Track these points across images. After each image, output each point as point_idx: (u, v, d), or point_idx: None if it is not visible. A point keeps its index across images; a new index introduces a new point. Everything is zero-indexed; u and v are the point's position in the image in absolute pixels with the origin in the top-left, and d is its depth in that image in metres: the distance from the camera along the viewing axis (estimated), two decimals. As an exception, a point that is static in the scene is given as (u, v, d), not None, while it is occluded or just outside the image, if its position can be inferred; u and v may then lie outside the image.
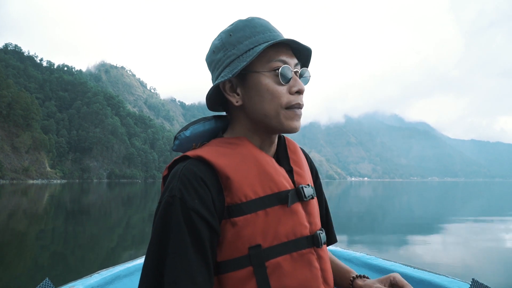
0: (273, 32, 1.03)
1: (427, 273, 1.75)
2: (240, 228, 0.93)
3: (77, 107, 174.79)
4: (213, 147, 1.02)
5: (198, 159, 0.97)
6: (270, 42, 0.97)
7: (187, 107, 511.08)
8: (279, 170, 1.03)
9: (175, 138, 1.10)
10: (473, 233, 11.97)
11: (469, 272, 6.90)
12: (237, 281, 0.92)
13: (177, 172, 0.94)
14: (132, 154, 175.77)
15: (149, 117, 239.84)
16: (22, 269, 6.93)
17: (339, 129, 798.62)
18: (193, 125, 1.10)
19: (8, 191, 43.52)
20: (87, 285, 1.68)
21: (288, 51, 1.02)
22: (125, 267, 2.01)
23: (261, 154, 1.03)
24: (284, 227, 0.97)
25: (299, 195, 1.02)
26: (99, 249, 8.82)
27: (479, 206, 24.36)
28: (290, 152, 1.14)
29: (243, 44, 1.01)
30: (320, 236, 1.03)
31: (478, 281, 1.39)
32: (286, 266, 0.95)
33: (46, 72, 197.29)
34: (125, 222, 14.32)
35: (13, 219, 14.39)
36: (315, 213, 1.08)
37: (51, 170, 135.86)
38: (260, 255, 0.93)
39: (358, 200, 30.68)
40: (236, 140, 1.04)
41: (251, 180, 0.97)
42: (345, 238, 10.32)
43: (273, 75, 0.99)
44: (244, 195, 0.94)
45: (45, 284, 1.44)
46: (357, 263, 2.12)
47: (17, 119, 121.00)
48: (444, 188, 70.18)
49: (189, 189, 0.90)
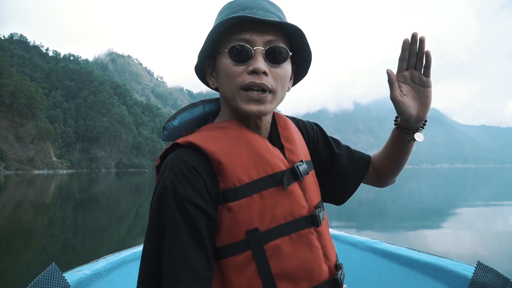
0: (249, 10, 0.96)
1: (432, 256, 1.74)
2: (236, 212, 0.92)
3: (84, 97, 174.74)
4: (203, 133, 1.00)
5: (189, 145, 0.95)
6: (219, 21, 0.94)
7: (195, 95, 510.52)
8: (273, 151, 1.01)
9: (163, 128, 1.08)
10: (483, 218, 11.91)
11: (479, 257, 6.74)
12: (236, 265, 0.92)
13: (168, 162, 0.93)
14: (140, 143, 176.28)
15: (156, 105, 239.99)
16: (31, 257, 6.88)
17: (347, 116, 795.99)
18: (180, 114, 1.08)
19: (13, 181, 43.06)
20: (94, 270, 1.70)
21: (257, 28, 0.95)
22: (131, 252, 2.02)
23: (253, 136, 1.01)
24: (281, 209, 0.95)
25: (294, 174, 1.00)
26: (108, 238, 8.78)
27: (490, 192, 24.08)
28: (280, 128, 1.11)
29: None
30: (319, 215, 1.02)
31: (483, 263, 1.37)
32: (286, 248, 0.94)
33: (52, 62, 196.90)
34: (134, 211, 14.27)
35: (20, 210, 14.40)
36: (312, 188, 1.06)
37: (57, 160, 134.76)
38: (258, 239, 0.92)
39: (367, 187, 30.43)
40: (227, 124, 1.02)
41: (244, 164, 0.95)
42: (354, 224, 10.28)
43: (228, 55, 0.96)
44: (238, 179, 0.93)
45: (52, 268, 1.45)
46: (361, 247, 2.13)
47: (21, 108, 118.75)
48: (454, 175, 69.71)
49: (181, 178, 0.89)
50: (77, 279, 1.58)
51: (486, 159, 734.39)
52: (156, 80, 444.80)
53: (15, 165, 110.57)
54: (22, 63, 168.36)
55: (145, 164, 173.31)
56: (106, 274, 1.76)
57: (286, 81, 1.00)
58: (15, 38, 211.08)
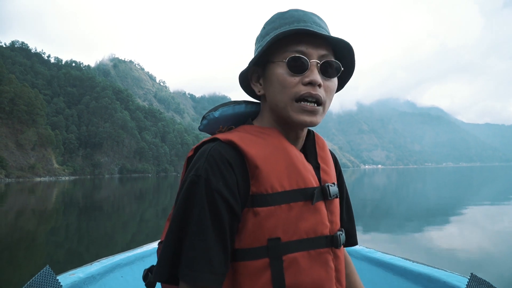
0: (304, 23, 0.99)
1: (426, 267, 1.75)
2: (262, 218, 0.93)
3: (86, 103, 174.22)
4: (244, 134, 1.01)
5: (228, 143, 0.96)
6: (278, 31, 0.97)
7: (197, 99, 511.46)
8: (307, 166, 1.03)
9: (203, 118, 1.10)
10: (489, 217, 11.82)
11: (485, 257, 6.82)
12: (252, 270, 0.92)
13: (205, 152, 0.94)
14: (143, 148, 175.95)
15: (159, 110, 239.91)
16: (34, 265, 6.74)
17: (351, 117, 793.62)
18: (222, 107, 1.10)
19: (14, 189, 42.19)
20: (87, 273, 1.70)
21: (313, 41, 0.98)
22: (125, 256, 2.04)
23: (292, 148, 1.02)
24: (305, 223, 0.96)
25: (324, 193, 1.02)
26: (113, 245, 8.64)
27: (496, 191, 23.88)
28: (318, 148, 1.13)
29: (268, 36, 1.00)
30: (340, 237, 1.02)
31: (476, 275, 1.38)
32: (303, 263, 0.95)
33: (53, 69, 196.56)
34: (139, 217, 14.14)
35: (22, 218, 14.25)
36: (337, 212, 1.07)
37: (59, 167, 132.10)
38: (279, 248, 0.93)
39: (372, 188, 30.25)
40: (267, 130, 1.03)
41: (280, 173, 0.96)
42: (360, 227, 10.11)
43: (287, 66, 0.97)
44: (271, 187, 0.94)
45: (46, 271, 1.44)
46: (356, 256, 2.13)
47: (21, 115, 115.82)
48: (459, 174, 69.39)
49: (215, 170, 0.90)
50: (71, 282, 1.58)
51: (491, 158, 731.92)
52: (158, 85, 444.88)
53: (15, 173, 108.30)
54: (23, 70, 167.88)
55: (148, 169, 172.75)
56: (100, 277, 1.77)
57: (333, 94, 1.03)
58: (16, 46, 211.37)
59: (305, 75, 0.97)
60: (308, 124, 0.98)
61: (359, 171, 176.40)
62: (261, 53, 1.00)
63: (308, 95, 0.96)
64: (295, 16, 1.00)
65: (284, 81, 0.97)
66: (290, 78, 0.97)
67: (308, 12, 1.03)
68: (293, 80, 0.97)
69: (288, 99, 0.97)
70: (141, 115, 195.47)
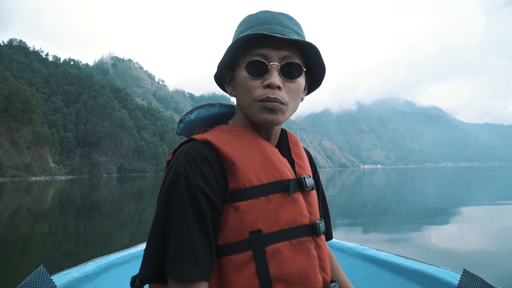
0: (268, 25, 1.01)
1: (419, 263, 1.77)
2: (242, 212, 0.95)
3: (84, 101, 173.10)
4: (219, 133, 1.04)
5: (205, 142, 0.99)
6: (243, 35, 0.98)
7: (197, 98, 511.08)
8: (282, 160, 1.05)
9: (180, 121, 1.14)
10: (489, 217, 11.77)
11: (484, 256, 6.83)
12: (236, 264, 0.94)
13: (183, 151, 0.97)
14: (141, 147, 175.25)
15: (158, 109, 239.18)
16: (29, 266, 6.53)
17: (350, 116, 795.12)
18: (198, 109, 1.14)
19: (9, 189, 41.33)
20: (82, 273, 1.70)
21: (274, 44, 0.99)
22: (120, 255, 2.04)
23: (266, 143, 1.05)
24: (285, 214, 0.98)
25: (300, 185, 1.05)
26: (111, 246, 8.48)
27: (495, 190, 23.75)
28: (292, 145, 1.16)
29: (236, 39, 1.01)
30: (319, 226, 1.04)
31: (469, 271, 1.41)
32: (286, 252, 0.96)
33: (51, 67, 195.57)
34: (137, 217, 13.95)
35: (18, 217, 14.07)
36: (315, 203, 1.09)
37: (55, 166, 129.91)
38: (261, 240, 0.94)
39: (371, 188, 30.12)
40: (242, 129, 1.06)
41: (256, 167, 0.99)
42: (360, 227, 10.01)
43: (245, 69, 1.00)
44: (248, 181, 0.97)
45: (40, 271, 1.44)
46: (350, 253, 2.15)
47: (16, 113, 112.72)
48: (458, 173, 69.35)
49: (194, 167, 0.93)
50: (65, 282, 1.58)
51: (490, 157, 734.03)
52: (157, 84, 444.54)
53: (10, 172, 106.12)
54: (21, 68, 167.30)
55: (147, 168, 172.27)
56: (95, 277, 1.77)
57: (299, 94, 1.05)
58: (14, 44, 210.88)
59: (265, 78, 0.99)
60: (271, 123, 1.00)
61: (359, 171, 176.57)
62: (226, 57, 1.02)
63: (267, 99, 0.98)
64: (262, 18, 1.03)
65: (246, 84, 1.00)
66: (251, 82, 0.99)
67: (276, 13, 1.04)
68: (254, 83, 0.99)
69: (251, 100, 1.00)
70: (140, 114, 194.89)
